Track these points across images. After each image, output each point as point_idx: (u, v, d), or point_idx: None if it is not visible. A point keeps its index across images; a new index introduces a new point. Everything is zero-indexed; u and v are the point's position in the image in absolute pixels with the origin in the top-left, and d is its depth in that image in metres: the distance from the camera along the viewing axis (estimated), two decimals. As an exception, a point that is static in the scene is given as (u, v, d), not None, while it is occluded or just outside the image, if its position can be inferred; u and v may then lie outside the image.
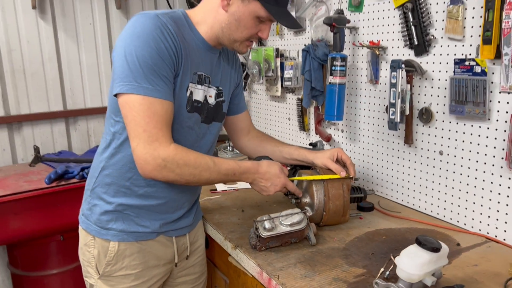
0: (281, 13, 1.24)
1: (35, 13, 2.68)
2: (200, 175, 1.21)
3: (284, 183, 1.37)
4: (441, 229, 1.48)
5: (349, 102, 1.92)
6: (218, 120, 1.42)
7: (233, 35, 1.26)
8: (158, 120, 1.14)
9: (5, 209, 2.08)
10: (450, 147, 1.50)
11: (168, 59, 1.15)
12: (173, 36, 1.17)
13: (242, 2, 1.21)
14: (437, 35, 1.49)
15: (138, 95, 1.12)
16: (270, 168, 1.36)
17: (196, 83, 1.28)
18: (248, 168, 1.32)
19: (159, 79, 1.14)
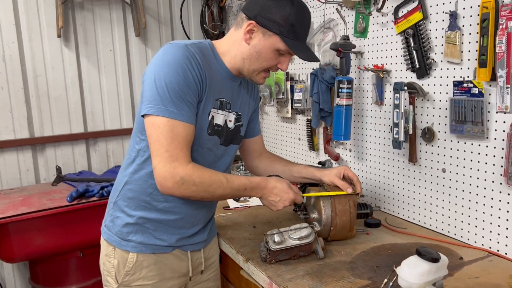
0: (299, 47, 1.32)
1: (60, 41, 2.85)
2: (214, 191, 1.30)
3: (293, 198, 1.43)
4: (445, 244, 1.54)
5: (356, 122, 2.00)
6: (235, 143, 1.51)
7: (252, 66, 1.36)
8: (180, 141, 1.24)
9: (29, 226, 2.19)
10: (452, 165, 1.57)
11: (193, 87, 1.26)
12: (199, 65, 1.28)
13: (263, 35, 1.31)
14: (437, 59, 1.58)
15: (164, 117, 1.22)
16: (278, 184, 1.42)
17: (217, 108, 1.38)
18: (257, 183, 1.39)
19: (184, 104, 1.24)
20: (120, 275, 1.41)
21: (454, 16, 1.48)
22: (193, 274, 1.53)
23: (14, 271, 2.81)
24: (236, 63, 1.38)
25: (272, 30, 1.29)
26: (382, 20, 1.79)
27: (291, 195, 1.43)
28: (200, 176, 1.27)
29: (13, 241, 2.18)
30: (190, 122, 1.27)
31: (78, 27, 2.92)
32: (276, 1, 1.28)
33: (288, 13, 1.27)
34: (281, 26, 1.28)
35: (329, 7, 2.06)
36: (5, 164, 2.76)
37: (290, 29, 1.29)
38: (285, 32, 1.29)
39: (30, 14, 2.75)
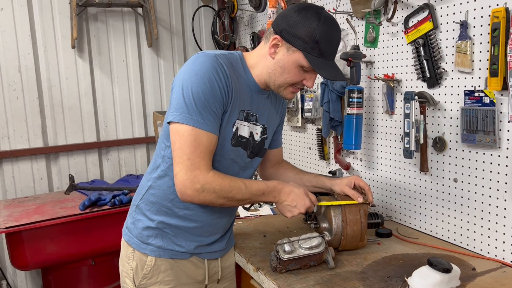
0: (322, 65, 1.29)
1: (74, 52, 2.91)
2: (234, 197, 1.31)
3: (308, 206, 1.41)
4: (457, 254, 1.52)
5: (366, 131, 2.00)
6: (260, 155, 1.52)
7: (277, 81, 1.36)
8: (202, 150, 1.26)
9: (42, 234, 2.22)
10: (464, 175, 1.56)
11: (219, 98, 1.27)
12: (227, 77, 1.29)
13: (287, 51, 1.30)
14: (448, 68, 1.58)
15: (188, 125, 1.24)
16: (295, 189, 1.40)
17: (243, 120, 1.38)
18: (274, 186, 1.39)
19: (209, 114, 1.26)
20: (138, 278, 1.43)
21: (465, 26, 1.48)
22: (209, 282, 1.53)
23: (27, 278, 2.84)
24: (263, 77, 1.39)
25: (296, 46, 1.28)
26: (392, 30, 1.80)
27: (307, 202, 1.41)
28: (221, 184, 1.28)
29: (26, 249, 2.21)
30: (214, 132, 1.28)
31: (92, 38, 2.98)
32: (304, 17, 1.27)
33: (313, 30, 1.26)
34: (305, 43, 1.27)
35: (340, 17, 2.07)
36: (20, 172, 2.80)
37: (314, 46, 1.27)
38: (309, 49, 1.27)
39: (46, 25, 2.82)
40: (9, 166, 2.78)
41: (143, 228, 1.43)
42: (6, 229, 2.12)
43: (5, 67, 2.72)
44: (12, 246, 2.22)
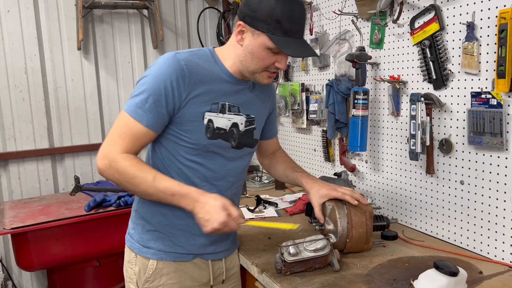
0: (288, 44, 1.28)
1: (80, 54, 2.92)
2: (138, 186, 1.28)
3: (224, 221, 1.24)
4: (464, 257, 1.51)
5: (372, 133, 1.99)
6: (249, 146, 1.51)
7: (250, 67, 1.35)
8: (126, 134, 1.28)
9: (48, 234, 2.23)
10: (471, 177, 1.55)
11: (167, 98, 1.28)
12: (184, 76, 1.29)
13: (252, 35, 1.30)
14: (454, 69, 1.57)
15: (128, 114, 1.29)
16: (212, 200, 1.28)
17: (218, 112, 1.38)
18: (188, 192, 1.29)
19: (153, 111, 1.28)
20: (141, 282, 1.43)
21: (472, 27, 1.47)
22: (214, 284, 1.53)
23: (32, 279, 2.85)
24: (237, 66, 1.38)
25: (259, 28, 1.28)
26: (398, 31, 1.79)
27: (222, 217, 1.24)
28: (126, 167, 1.27)
29: (32, 249, 2.22)
30: (149, 127, 1.29)
31: (97, 39, 2.99)
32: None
33: (273, 9, 1.24)
34: (267, 24, 1.26)
35: (345, 18, 2.07)
36: (26, 173, 2.82)
37: (276, 26, 1.25)
38: (272, 29, 1.26)
39: (52, 27, 2.83)
40: (15, 167, 2.79)
41: (143, 232, 1.44)
42: (12, 229, 2.13)
43: (11, 69, 2.73)
44: (17, 247, 2.23)
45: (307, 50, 1.33)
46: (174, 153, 1.38)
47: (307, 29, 2.35)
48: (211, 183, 1.42)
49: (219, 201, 1.28)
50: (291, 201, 2.23)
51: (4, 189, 2.79)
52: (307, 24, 2.34)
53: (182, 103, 1.32)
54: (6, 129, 2.75)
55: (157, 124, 1.31)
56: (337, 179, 1.88)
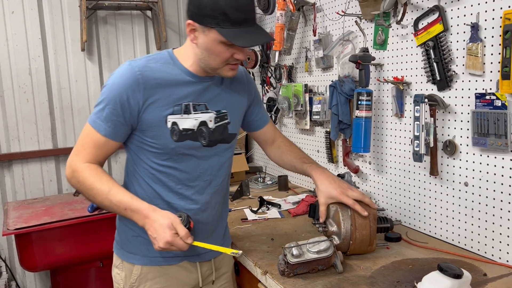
0: (239, 34, 1.26)
1: (84, 55, 2.93)
2: (94, 197, 1.31)
3: (169, 241, 1.22)
4: (468, 259, 1.50)
5: (375, 134, 1.98)
6: (225, 142, 1.47)
7: (210, 64, 1.34)
8: (89, 144, 1.33)
9: (51, 235, 2.24)
10: (475, 178, 1.54)
11: (125, 108, 1.30)
12: (139, 85, 1.30)
13: (203, 32, 1.29)
14: (458, 70, 1.56)
15: (90, 125, 1.33)
16: (161, 219, 1.25)
17: (181, 113, 1.37)
18: (139, 208, 1.28)
19: (110, 121, 1.31)
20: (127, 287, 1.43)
21: (476, 28, 1.46)
22: (204, 285, 1.52)
23: (36, 280, 2.86)
24: (198, 65, 1.37)
25: (207, 24, 1.26)
26: (401, 32, 1.78)
27: (168, 237, 1.22)
28: (85, 178, 1.30)
29: (35, 250, 2.23)
30: (107, 136, 1.32)
31: (101, 40, 3.00)
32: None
33: (216, 2, 1.23)
34: (214, 18, 1.24)
35: (348, 19, 2.06)
36: (29, 174, 2.83)
37: (223, 18, 1.24)
38: (220, 23, 1.24)
39: (56, 28, 2.84)
40: (19, 168, 2.80)
41: (127, 238, 1.44)
42: (16, 230, 2.14)
43: (16, 70, 2.74)
44: (21, 248, 2.24)
45: (260, 37, 1.31)
46: (145, 160, 1.39)
47: (311, 30, 2.34)
48: (187, 185, 1.41)
49: (167, 220, 1.24)
50: (294, 202, 2.23)
51: (8, 190, 2.80)
52: (311, 25, 2.34)
53: (140, 110, 1.32)
54: (10, 130, 2.76)
55: (115, 133, 1.33)
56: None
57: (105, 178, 1.31)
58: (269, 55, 2.76)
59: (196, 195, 1.43)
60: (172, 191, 1.40)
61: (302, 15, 2.38)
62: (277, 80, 2.69)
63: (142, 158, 1.39)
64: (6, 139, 2.75)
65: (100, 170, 1.33)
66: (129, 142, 1.40)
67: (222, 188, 1.52)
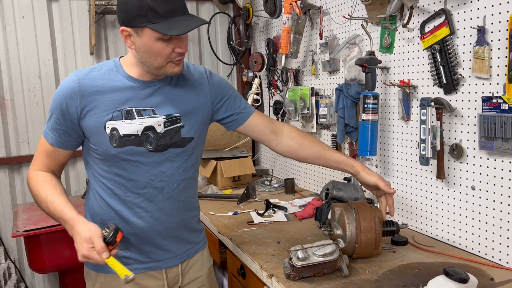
0: (171, 25, 1.25)
1: (92, 59, 2.96)
2: (39, 204, 1.37)
3: (85, 255, 1.21)
4: (475, 263, 1.49)
5: (382, 138, 1.98)
6: (177, 146, 1.43)
7: (153, 64, 1.32)
8: (41, 153, 1.41)
9: (60, 237, 2.26)
10: (482, 182, 1.53)
11: (63, 114, 1.34)
12: (75, 93, 1.33)
13: (138, 35, 1.28)
14: (465, 74, 1.56)
15: (42, 135, 1.41)
16: (82, 232, 1.23)
17: (122, 119, 1.35)
18: (67, 219, 1.28)
19: (54, 130, 1.37)
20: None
21: (482, 31, 1.46)
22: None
23: (44, 281, 2.89)
24: (141, 69, 1.37)
25: (139, 25, 1.25)
26: (408, 36, 1.78)
27: (83, 250, 1.21)
28: (33, 185, 1.38)
29: (44, 252, 2.25)
30: (53, 144, 1.38)
31: (109, 44, 3.03)
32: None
33: (140, 0, 1.23)
34: (143, 16, 1.23)
35: (354, 23, 2.07)
36: (39, 176, 2.85)
37: (152, 14, 1.23)
38: (150, 20, 1.23)
39: (65, 32, 2.88)
40: (29, 170, 2.83)
41: None
42: (25, 232, 2.16)
43: (26, 74, 2.78)
44: (30, 249, 2.26)
45: (193, 22, 1.28)
46: (95, 167, 1.41)
47: (317, 33, 2.35)
48: (135, 193, 1.39)
49: (86, 233, 1.22)
50: (301, 205, 2.23)
51: (18, 192, 2.83)
52: (317, 28, 2.34)
53: (79, 118, 1.34)
54: (20, 132, 2.79)
55: (61, 141, 1.38)
56: (347, 184, 1.87)
57: (50, 185, 1.35)
58: (276, 58, 2.77)
59: (146, 202, 1.40)
60: (120, 199, 1.39)
61: (308, 18, 2.39)
62: (284, 83, 2.70)
63: (93, 165, 1.42)
64: (16, 142, 2.79)
65: (48, 178, 1.38)
66: (83, 150, 1.45)
67: (178, 194, 1.46)
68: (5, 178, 2.78)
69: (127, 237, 1.40)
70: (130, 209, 1.40)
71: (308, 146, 1.60)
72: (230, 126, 1.60)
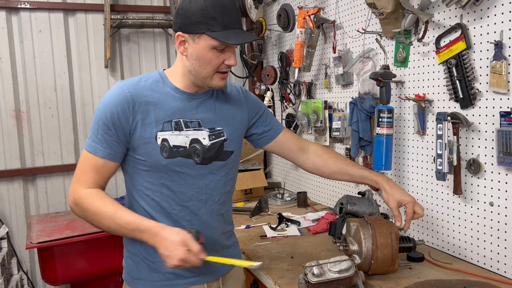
0: (229, 35, 1.29)
1: (107, 72, 3.00)
2: (101, 222, 1.30)
3: (183, 258, 1.21)
4: (494, 282, 1.46)
5: (397, 152, 1.96)
6: (220, 159, 1.45)
7: (201, 74, 1.34)
8: (88, 168, 1.33)
9: (73, 249, 2.26)
10: (501, 198, 1.50)
11: (115, 124, 1.31)
12: (128, 103, 1.31)
13: (193, 41, 1.30)
14: (482, 88, 1.54)
15: (86, 150, 1.34)
16: (172, 236, 1.23)
17: (172, 130, 1.36)
18: (148, 227, 1.27)
19: (104, 142, 1.32)
20: None
21: (500, 46, 1.45)
22: None
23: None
24: (188, 79, 1.38)
25: (197, 31, 1.28)
26: (423, 50, 1.77)
27: (181, 254, 1.21)
28: (89, 204, 1.30)
29: (57, 264, 2.26)
30: (104, 157, 1.32)
31: (124, 58, 3.07)
32: (190, 2, 1.29)
33: (203, 8, 1.26)
34: (203, 24, 1.27)
35: (369, 37, 2.07)
36: (52, 188, 2.88)
37: (213, 22, 1.27)
38: (210, 27, 1.27)
39: (81, 46, 2.92)
40: (43, 182, 2.86)
41: (131, 263, 1.43)
42: (39, 244, 2.17)
43: (42, 86, 2.83)
44: (43, 261, 2.27)
45: (249, 37, 1.34)
46: (140, 180, 1.38)
47: (330, 47, 2.35)
48: (181, 205, 1.39)
49: (178, 237, 1.23)
50: (314, 219, 2.21)
51: (32, 203, 2.86)
52: (331, 42, 2.35)
53: (131, 129, 1.33)
54: (35, 144, 2.83)
55: (112, 153, 1.33)
56: (361, 198, 1.85)
57: (109, 201, 1.31)
58: (288, 71, 2.78)
59: (191, 215, 1.41)
60: (165, 212, 1.38)
61: (322, 32, 2.40)
62: (296, 96, 2.70)
63: (137, 179, 1.39)
64: (31, 154, 2.82)
65: (103, 194, 1.33)
66: (125, 163, 1.40)
67: (219, 207, 1.47)
68: (19, 189, 2.81)
69: None
70: (175, 222, 1.38)
71: (333, 162, 1.62)
72: (261, 142, 1.63)
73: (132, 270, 1.43)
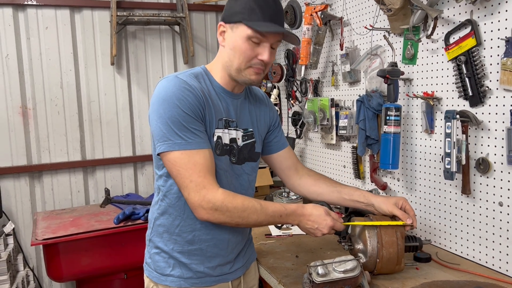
0: (263, 25, 1.28)
1: (113, 69, 3.00)
2: (249, 217, 1.29)
3: (331, 225, 1.36)
4: (503, 283, 1.43)
5: (404, 151, 1.93)
6: (251, 160, 1.48)
7: (234, 64, 1.33)
8: (200, 169, 1.24)
9: (78, 246, 2.26)
10: (510, 198, 1.47)
11: (194, 113, 1.27)
12: (195, 91, 1.29)
13: (232, 30, 1.31)
14: (492, 86, 1.51)
15: (175, 151, 1.24)
16: (315, 210, 1.37)
17: (223, 128, 1.37)
18: (293, 210, 1.35)
19: (189, 132, 1.25)
20: None
21: (511, 42, 1.41)
22: None
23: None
24: (226, 73, 1.37)
25: (236, 20, 1.30)
26: (432, 47, 1.74)
27: (329, 221, 1.36)
28: (232, 202, 1.26)
29: (62, 260, 2.26)
30: (202, 147, 1.27)
31: (130, 55, 3.07)
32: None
33: (247, 1, 1.28)
34: (242, 13, 1.28)
35: (376, 33, 2.04)
36: (58, 185, 2.89)
37: (251, 13, 1.27)
38: (247, 17, 1.28)
39: (87, 43, 2.92)
40: (49, 179, 2.87)
41: (159, 260, 1.43)
42: (44, 240, 2.17)
43: (48, 83, 2.83)
44: (48, 258, 2.27)
45: (284, 30, 1.32)
46: None
47: (337, 44, 2.33)
48: None
49: (321, 209, 1.37)
50: (320, 218, 2.19)
51: (38, 200, 2.87)
52: (338, 39, 2.32)
53: (204, 118, 1.32)
54: (42, 141, 2.83)
55: (204, 140, 1.29)
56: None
57: (243, 196, 1.31)
58: (295, 69, 2.76)
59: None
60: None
61: (329, 29, 2.37)
62: (303, 94, 2.68)
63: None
64: (37, 151, 2.83)
65: (234, 192, 1.31)
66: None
67: None
68: (25, 186, 2.82)
69: (206, 250, 1.41)
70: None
71: (323, 182, 1.63)
72: (267, 150, 1.63)
73: (160, 267, 1.42)
